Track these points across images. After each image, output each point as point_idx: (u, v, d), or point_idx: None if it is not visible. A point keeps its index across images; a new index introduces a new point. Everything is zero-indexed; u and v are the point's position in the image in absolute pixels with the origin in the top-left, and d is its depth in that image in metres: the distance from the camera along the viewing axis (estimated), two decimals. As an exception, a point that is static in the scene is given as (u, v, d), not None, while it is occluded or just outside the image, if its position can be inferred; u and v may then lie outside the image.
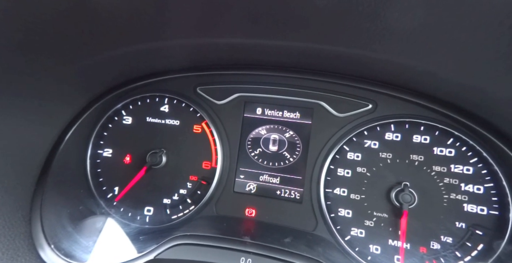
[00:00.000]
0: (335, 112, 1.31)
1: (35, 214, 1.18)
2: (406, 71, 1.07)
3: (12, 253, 1.05)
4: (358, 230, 1.25)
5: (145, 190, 1.41)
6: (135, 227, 1.36)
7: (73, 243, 1.21)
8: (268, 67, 1.36)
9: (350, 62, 1.11)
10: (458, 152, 1.21)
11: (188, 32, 1.02)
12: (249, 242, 1.07)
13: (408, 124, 1.26)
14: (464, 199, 1.17)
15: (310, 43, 1.01)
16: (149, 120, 1.45)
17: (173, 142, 1.41)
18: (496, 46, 0.74)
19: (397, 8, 0.71)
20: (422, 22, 0.74)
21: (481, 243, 1.14)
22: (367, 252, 1.23)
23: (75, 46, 0.99)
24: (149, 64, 1.33)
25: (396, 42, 0.87)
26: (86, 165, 1.43)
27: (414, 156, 1.23)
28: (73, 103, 1.31)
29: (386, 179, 1.25)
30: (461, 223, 1.16)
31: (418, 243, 1.19)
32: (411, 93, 1.25)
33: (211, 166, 1.38)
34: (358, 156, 1.29)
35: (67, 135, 1.32)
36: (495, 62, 0.81)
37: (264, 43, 1.06)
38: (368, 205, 1.25)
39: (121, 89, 1.43)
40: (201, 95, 1.41)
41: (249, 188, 1.36)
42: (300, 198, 1.31)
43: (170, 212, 1.39)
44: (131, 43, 1.06)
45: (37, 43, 0.90)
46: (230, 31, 1.00)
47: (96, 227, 1.31)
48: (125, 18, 0.89)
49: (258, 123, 1.39)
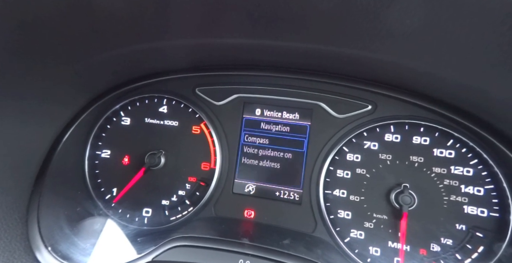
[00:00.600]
0: (335, 113, 1.31)
1: (32, 216, 1.17)
2: (406, 72, 1.06)
3: (8, 255, 1.04)
4: (358, 232, 1.24)
5: (144, 191, 1.40)
6: (133, 229, 1.35)
7: (70, 245, 1.20)
8: (268, 68, 1.36)
9: (350, 62, 1.11)
10: (458, 153, 1.20)
11: (187, 32, 1.01)
12: (247, 244, 1.06)
13: (408, 125, 1.26)
14: (464, 200, 1.17)
15: (310, 44, 1.01)
16: (147, 121, 1.44)
17: (172, 143, 1.41)
18: (498, 46, 0.73)
19: (397, 8, 0.71)
20: (422, 22, 0.74)
21: (482, 245, 1.14)
22: (366, 254, 1.22)
23: (73, 46, 0.98)
24: (148, 64, 1.33)
25: (397, 43, 0.87)
26: (84, 166, 1.43)
27: (414, 157, 1.23)
28: (71, 104, 1.30)
29: (386, 180, 1.24)
30: (461, 225, 1.16)
31: (418, 245, 1.18)
32: (411, 94, 1.24)
33: (210, 167, 1.38)
34: (357, 157, 1.29)
35: (65, 136, 1.31)
36: (497, 62, 0.80)
37: (264, 43, 1.05)
38: (367, 206, 1.25)
39: (120, 90, 1.42)
40: (200, 96, 1.41)
41: (248, 189, 1.35)
42: (299, 199, 1.31)
43: (168, 213, 1.38)
44: (129, 44, 1.06)
45: (35, 43, 0.89)
46: (230, 31, 0.99)
47: (94, 229, 1.30)
48: (124, 19, 0.89)
49: (257, 124, 1.38)
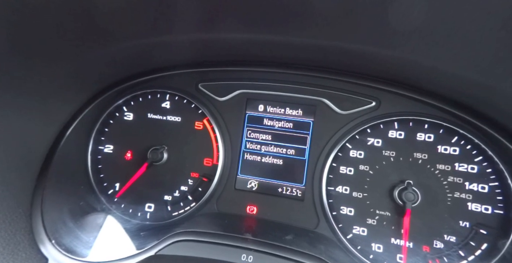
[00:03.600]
0: (338, 110, 1.30)
1: (35, 210, 1.18)
2: (411, 67, 1.05)
3: (13, 248, 1.04)
4: (361, 228, 1.24)
5: (146, 187, 1.40)
6: (136, 223, 1.36)
7: (74, 239, 1.21)
8: (271, 64, 1.35)
9: (355, 58, 1.10)
10: (463, 150, 1.19)
11: (191, 27, 1.01)
12: (250, 239, 1.06)
13: (412, 122, 1.25)
14: (469, 197, 1.16)
15: (315, 40, 1.00)
16: (150, 116, 1.44)
17: (175, 138, 1.41)
18: (506, 41, 0.72)
19: (402, 3, 0.70)
20: (430, 17, 0.73)
21: (485, 243, 1.13)
22: (369, 250, 1.22)
23: (76, 41, 0.98)
24: (151, 60, 1.32)
25: (403, 38, 0.86)
26: (87, 161, 1.43)
27: (418, 154, 1.22)
28: (74, 99, 1.31)
29: (389, 177, 1.23)
30: (465, 222, 1.15)
31: (421, 242, 1.18)
32: (415, 91, 1.23)
33: (213, 163, 1.38)
34: (361, 154, 1.28)
35: (68, 130, 1.32)
36: (504, 58, 0.79)
37: (268, 39, 1.05)
38: (370, 203, 1.24)
39: (123, 85, 1.42)
40: (203, 92, 1.41)
41: (250, 185, 1.35)
42: (301, 195, 1.30)
43: (171, 208, 1.38)
44: (132, 38, 1.05)
45: (37, 39, 0.89)
46: (234, 26, 0.98)
47: (97, 223, 1.31)
48: (127, 13, 0.88)
49: (260, 120, 1.38)
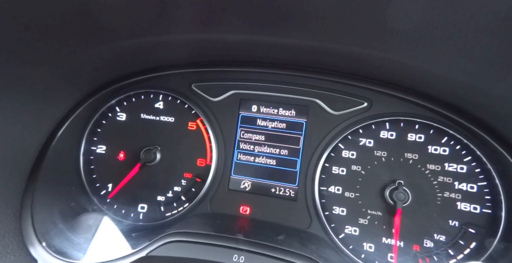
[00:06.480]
0: (330, 110, 1.31)
1: (25, 211, 1.16)
2: (402, 69, 1.07)
3: (1, 250, 1.03)
4: (352, 228, 1.25)
5: (139, 187, 1.39)
6: (128, 224, 1.35)
7: (64, 240, 1.20)
8: (264, 65, 1.36)
9: (347, 59, 1.11)
10: (452, 150, 1.21)
11: (185, 27, 1.01)
12: (242, 240, 1.06)
13: (403, 122, 1.26)
14: (458, 197, 1.18)
15: (308, 41, 1.01)
16: (143, 117, 1.43)
17: (168, 139, 1.40)
18: (495, 44, 0.74)
19: (396, 6, 0.71)
20: (421, 20, 0.74)
21: (474, 241, 1.15)
22: (361, 250, 1.23)
23: (68, 41, 0.97)
24: (144, 60, 1.32)
25: (395, 40, 0.87)
26: (79, 162, 1.42)
27: (409, 154, 1.24)
28: (66, 100, 1.29)
29: (381, 177, 1.25)
30: (454, 221, 1.17)
31: (411, 241, 1.19)
32: (407, 92, 1.25)
33: (206, 163, 1.38)
34: (353, 154, 1.29)
35: (59, 131, 1.30)
36: (493, 60, 0.81)
37: (261, 40, 1.05)
38: (362, 203, 1.26)
39: (115, 85, 1.42)
40: (196, 92, 1.40)
41: (243, 185, 1.36)
42: (294, 195, 1.31)
43: (164, 209, 1.38)
44: (126, 38, 1.05)
45: (30, 39, 0.89)
46: (228, 27, 0.99)
47: (89, 224, 1.30)
48: (122, 13, 0.88)
49: (253, 120, 1.38)
